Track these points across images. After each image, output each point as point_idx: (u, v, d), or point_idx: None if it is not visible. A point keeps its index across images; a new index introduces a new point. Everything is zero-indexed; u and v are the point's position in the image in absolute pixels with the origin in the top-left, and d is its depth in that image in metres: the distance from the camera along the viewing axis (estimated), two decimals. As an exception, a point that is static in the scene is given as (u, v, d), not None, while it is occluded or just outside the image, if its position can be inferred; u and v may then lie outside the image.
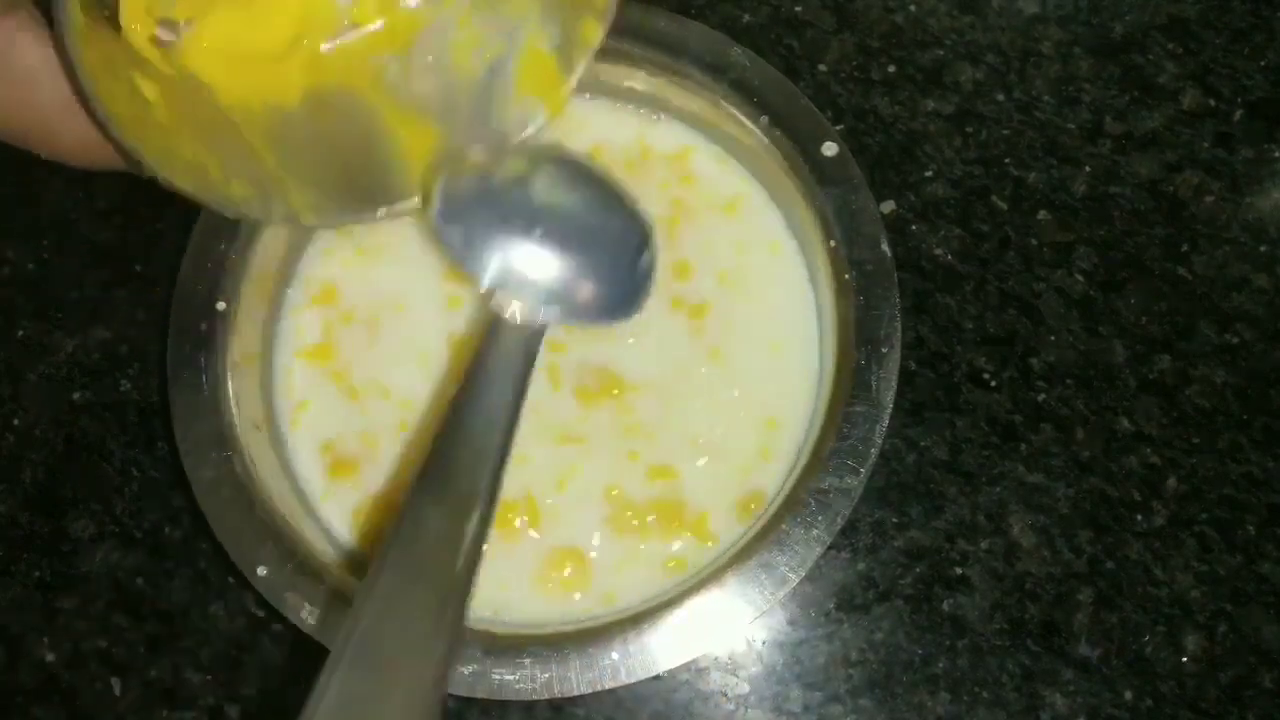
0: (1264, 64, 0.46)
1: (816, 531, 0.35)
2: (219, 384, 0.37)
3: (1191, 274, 0.43)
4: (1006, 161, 0.45)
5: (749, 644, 0.40)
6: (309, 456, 0.39)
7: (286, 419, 0.40)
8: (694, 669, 0.40)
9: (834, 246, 0.38)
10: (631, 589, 0.37)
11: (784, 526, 0.35)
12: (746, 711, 0.39)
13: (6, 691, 0.41)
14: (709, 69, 0.40)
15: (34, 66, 0.30)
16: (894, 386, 0.36)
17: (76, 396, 0.44)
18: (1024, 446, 0.41)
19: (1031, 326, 0.43)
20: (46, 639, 0.41)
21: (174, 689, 0.40)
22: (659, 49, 0.40)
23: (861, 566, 0.40)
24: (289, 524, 0.36)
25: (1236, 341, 0.43)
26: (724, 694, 0.39)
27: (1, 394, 0.44)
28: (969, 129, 0.45)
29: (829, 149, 0.39)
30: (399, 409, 0.40)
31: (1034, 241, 0.44)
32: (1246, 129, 0.45)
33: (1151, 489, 0.41)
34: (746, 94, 0.39)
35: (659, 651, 0.34)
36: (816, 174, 0.38)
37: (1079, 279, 0.43)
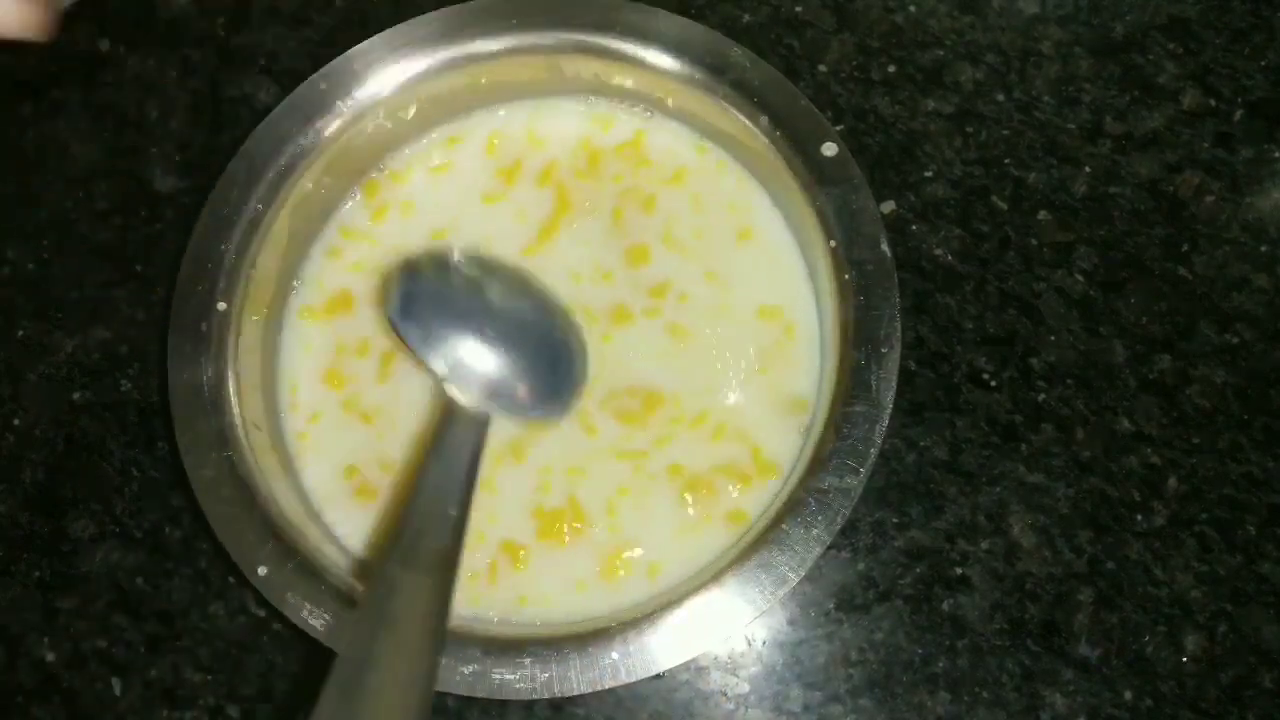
0: (1264, 64, 0.46)
1: (816, 531, 0.35)
2: (219, 384, 0.37)
3: (1191, 274, 0.43)
4: (1006, 161, 0.45)
5: (749, 644, 0.40)
6: (317, 464, 0.40)
7: (290, 421, 0.40)
8: (694, 668, 0.40)
9: (834, 246, 0.38)
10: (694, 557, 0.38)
11: (784, 526, 0.35)
12: (746, 711, 0.39)
13: (6, 691, 0.41)
14: (709, 69, 0.40)
15: None
16: (894, 386, 0.36)
17: (76, 396, 0.44)
18: (1024, 446, 0.41)
19: (1031, 326, 0.43)
20: (46, 639, 0.41)
21: (174, 689, 0.40)
22: (659, 49, 0.40)
23: (861, 566, 0.40)
24: (289, 524, 0.36)
25: (1236, 341, 0.43)
26: (724, 694, 0.39)
27: (1, 394, 0.44)
28: (969, 129, 0.45)
29: (829, 149, 0.39)
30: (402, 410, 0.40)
31: (1034, 241, 0.44)
32: (1246, 129, 0.45)
33: (1151, 489, 0.41)
34: (746, 94, 0.39)
35: (659, 651, 0.34)
36: (816, 174, 0.38)
37: (1079, 279, 0.43)
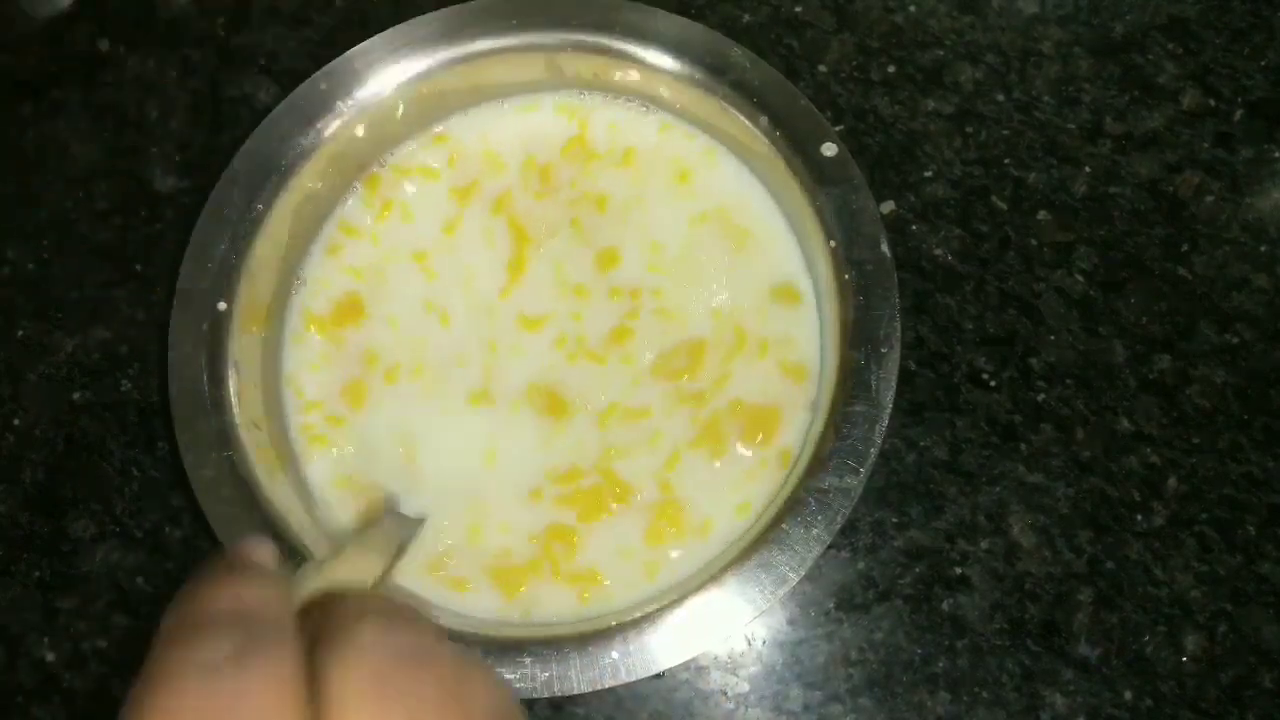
0: (1264, 64, 0.46)
1: (816, 531, 0.35)
2: (219, 384, 0.37)
3: (1191, 274, 0.43)
4: (1006, 161, 0.45)
5: (749, 643, 0.40)
6: (320, 462, 0.40)
7: (295, 420, 0.40)
8: (694, 668, 0.40)
9: (834, 246, 0.38)
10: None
11: (784, 526, 0.35)
12: (746, 711, 0.39)
13: (6, 691, 0.41)
14: (709, 69, 0.40)
15: None
16: (894, 386, 0.36)
17: (76, 396, 0.44)
18: (1024, 446, 0.41)
19: (1031, 326, 0.43)
20: (46, 639, 0.41)
21: (174, 689, 0.40)
22: (659, 49, 0.40)
23: (861, 566, 0.40)
24: (289, 524, 0.36)
25: (1236, 341, 0.43)
26: (724, 693, 0.39)
27: (1, 394, 0.44)
28: (969, 129, 0.45)
29: (829, 149, 0.39)
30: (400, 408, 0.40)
31: (1034, 241, 0.44)
32: (1246, 129, 0.45)
33: (1151, 489, 0.41)
34: (746, 94, 0.39)
35: (659, 650, 0.34)
36: (816, 174, 0.38)
37: (1079, 279, 0.43)
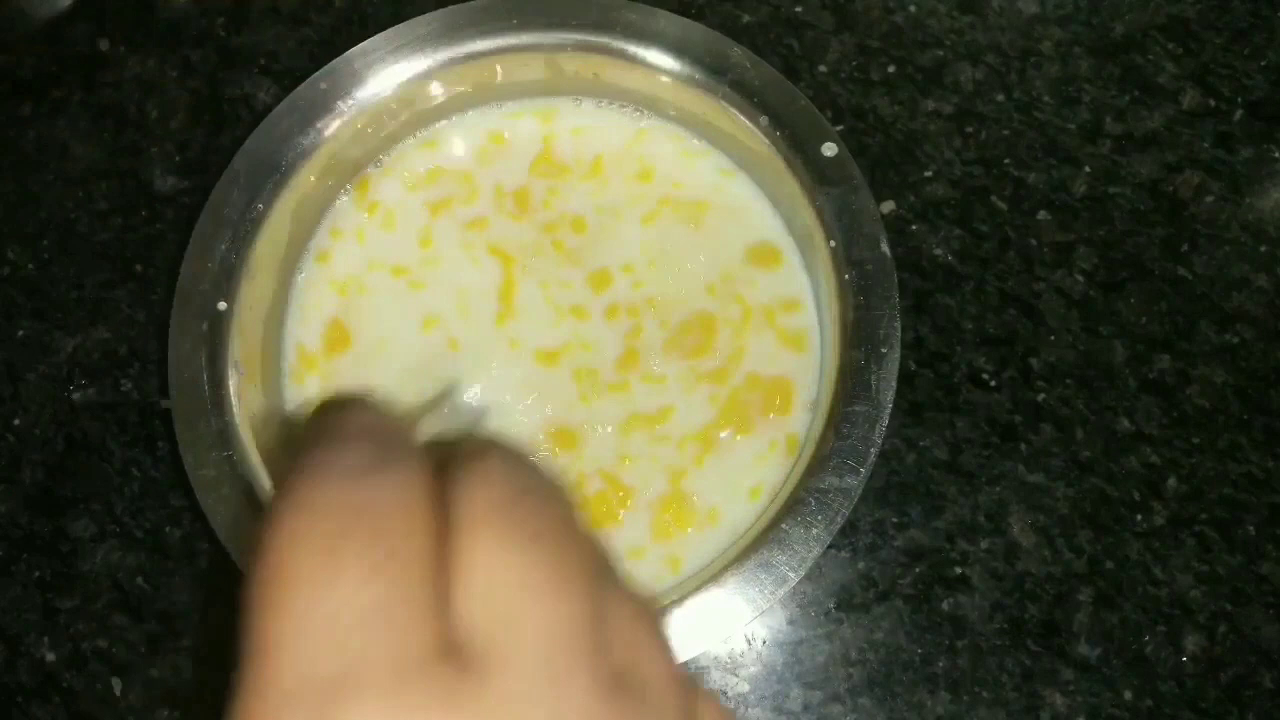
0: (1264, 64, 0.46)
1: (816, 531, 0.35)
2: (219, 384, 0.37)
3: (1191, 274, 0.43)
4: (1006, 161, 0.45)
5: (749, 643, 0.40)
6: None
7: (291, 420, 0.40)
8: (694, 668, 0.40)
9: (834, 246, 0.38)
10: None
11: (784, 526, 0.35)
12: (746, 711, 0.39)
13: (6, 691, 0.41)
14: (709, 69, 0.40)
15: None
16: (894, 386, 0.36)
17: (76, 396, 0.44)
18: (1024, 446, 0.41)
19: (1031, 326, 0.43)
20: (46, 639, 0.41)
21: (174, 689, 0.40)
22: (659, 49, 0.40)
23: (861, 566, 0.40)
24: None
25: (1236, 341, 0.43)
26: (724, 693, 0.39)
27: (1, 394, 0.44)
28: (969, 129, 0.45)
29: (829, 149, 0.39)
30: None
31: (1034, 241, 0.44)
32: (1246, 129, 0.45)
33: (1151, 489, 0.41)
34: (746, 94, 0.39)
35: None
36: (816, 174, 0.38)
37: (1079, 279, 0.43)
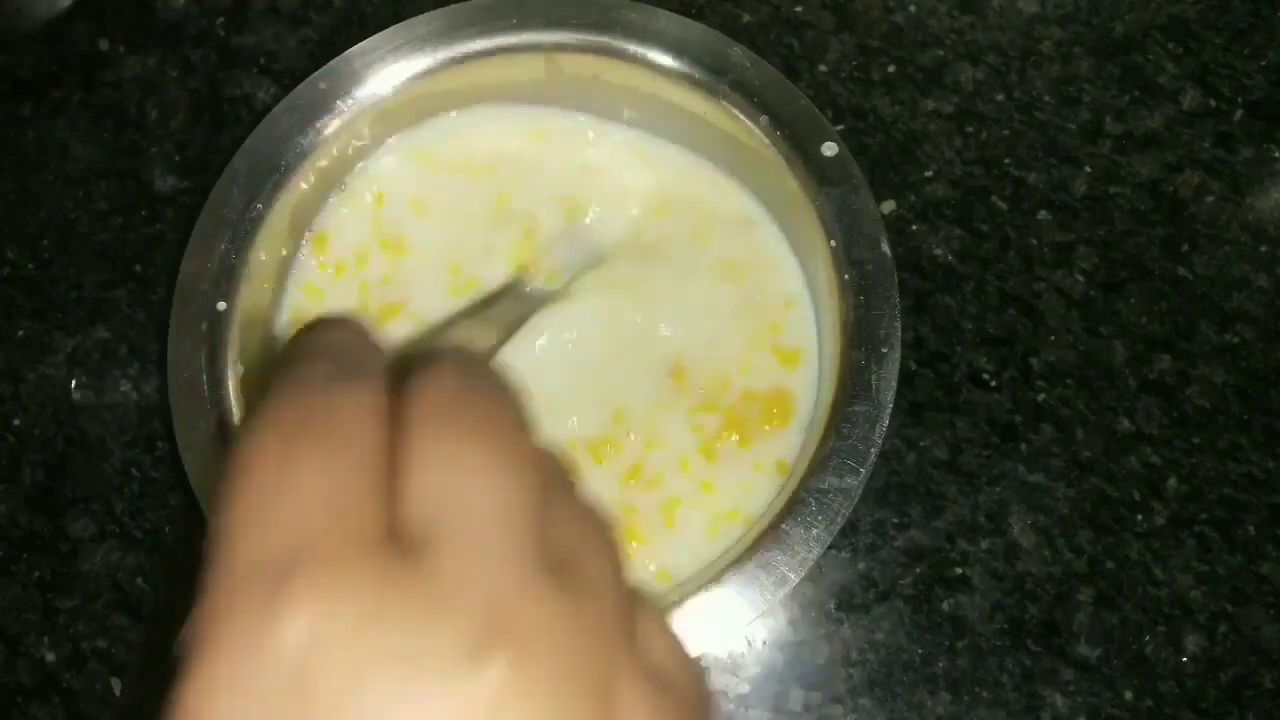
0: (1264, 64, 0.46)
1: (816, 531, 0.35)
2: (219, 384, 0.37)
3: (1191, 274, 0.43)
4: (1006, 161, 0.45)
5: (749, 644, 0.40)
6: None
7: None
8: (694, 669, 0.40)
9: (834, 246, 0.38)
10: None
11: (784, 526, 0.35)
12: (747, 711, 0.39)
13: (6, 691, 0.41)
14: (709, 69, 0.40)
15: None
16: (894, 386, 0.36)
17: (77, 396, 0.44)
18: (1024, 446, 0.41)
19: (1031, 326, 0.43)
20: (46, 639, 0.41)
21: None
22: (659, 49, 0.40)
23: (861, 566, 0.40)
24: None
25: (1236, 341, 0.43)
26: (724, 694, 0.39)
27: (2, 394, 0.44)
28: (969, 129, 0.45)
29: (829, 149, 0.39)
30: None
31: (1034, 241, 0.44)
32: (1246, 129, 0.45)
33: (1151, 489, 0.41)
34: (746, 94, 0.39)
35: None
36: (816, 174, 0.38)
37: (1079, 279, 0.43)
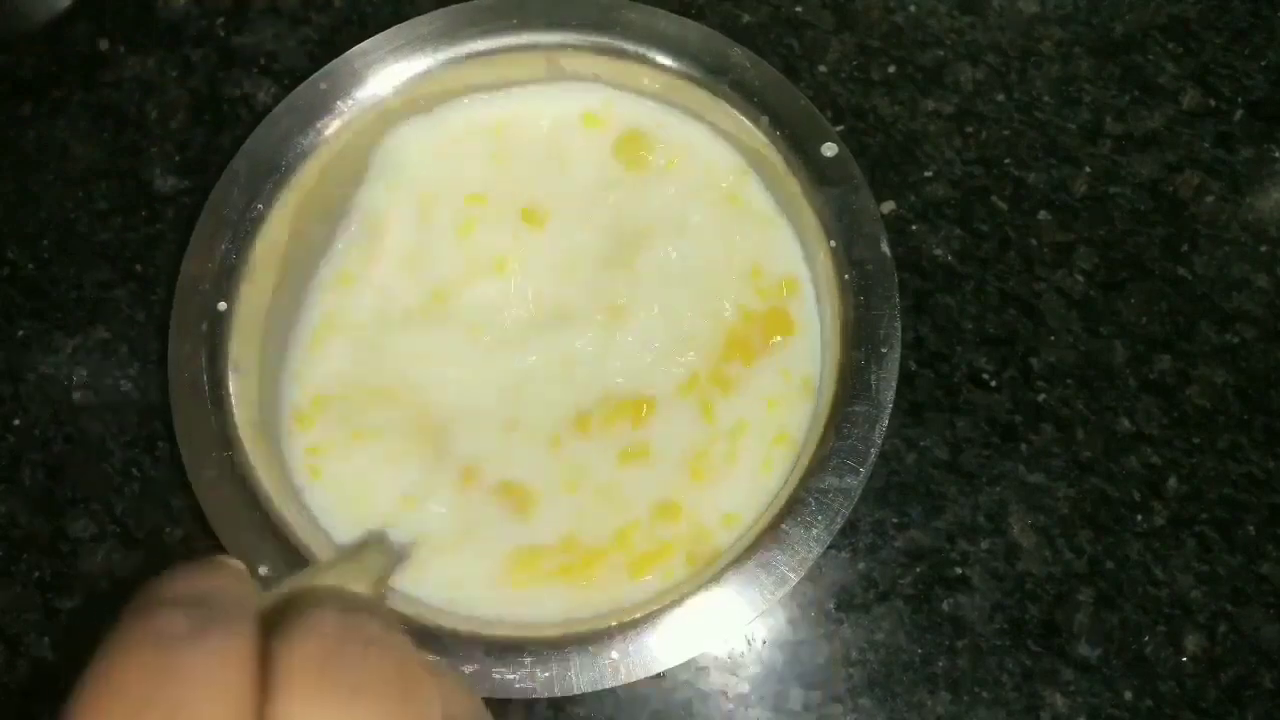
0: (1264, 64, 0.46)
1: (816, 531, 0.35)
2: (219, 384, 0.37)
3: (1191, 274, 0.43)
4: (1006, 161, 0.45)
5: (749, 643, 0.40)
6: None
7: (290, 423, 0.40)
8: (694, 668, 0.40)
9: (834, 246, 0.38)
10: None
11: (784, 526, 0.35)
12: (746, 711, 0.39)
13: (6, 691, 0.41)
14: (709, 69, 0.40)
15: None
16: (894, 386, 0.36)
17: (77, 396, 0.44)
18: (1024, 446, 0.41)
19: (1031, 326, 0.43)
20: (47, 639, 0.41)
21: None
22: (659, 49, 0.40)
23: (861, 566, 0.40)
24: (289, 523, 0.36)
25: (1236, 341, 0.43)
26: (724, 694, 0.39)
27: (2, 394, 0.44)
28: (969, 129, 0.45)
29: (829, 149, 0.39)
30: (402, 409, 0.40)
31: (1034, 241, 0.44)
32: (1246, 129, 0.45)
33: (1151, 489, 0.41)
34: (746, 94, 0.40)
35: (659, 650, 0.34)
36: (816, 174, 0.39)
37: (1079, 279, 0.43)
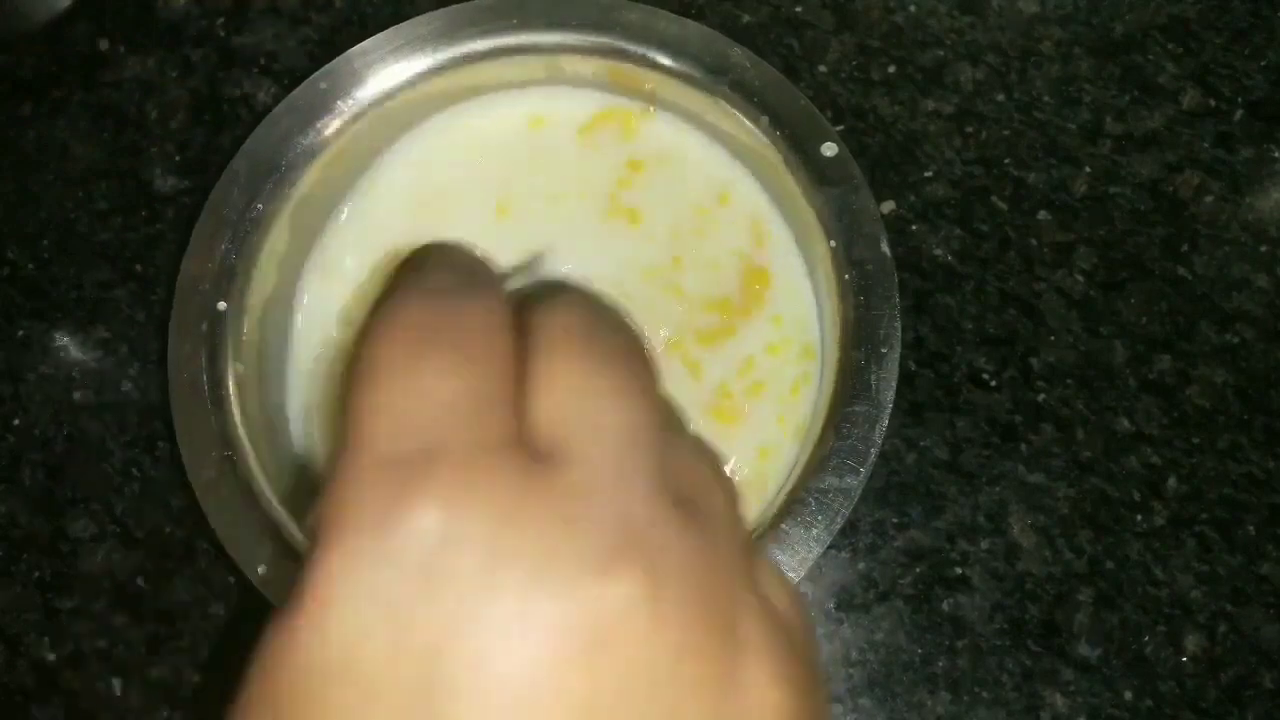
0: (1264, 64, 0.46)
1: (816, 531, 0.35)
2: (219, 384, 0.37)
3: (1191, 274, 0.43)
4: (1006, 161, 0.45)
5: (749, 644, 0.40)
6: (313, 458, 0.39)
7: (294, 419, 0.40)
8: (694, 669, 0.40)
9: (834, 246, 0.38)
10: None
11: (784, 526, 0.35)
12: (746, 711, 0.39)
13: (6, 691, 0.41)
14: (709, 69, 0.40)
15: None
16: (894, 386, 0.36)
17: (77, 396, 0.44)
18: (1024, 446, 0.41)
19: (1031, 326, 0.43)
20: (47, 639, 0.41)
21: (174, 689, 0.40)
22: (659, 49, 0.40)
23: (861, 566, 0.40)
24: (289, 524, 0.36)
25: (1236, 341, 0.43)
26: (724, 694, 0.39)
27: (2, 394, 0.44)
28: (969, 129, 0.45)
29: (829, 149, 0.39)
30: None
31: (1034, 241, 0.44)
32: (1246, 129, 0.45)
33: (1151, 489, 0.41)
34: (746, 94, 0.39)
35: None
36: (816, 174, 0.38)
37: (1079, 279, 0.43)
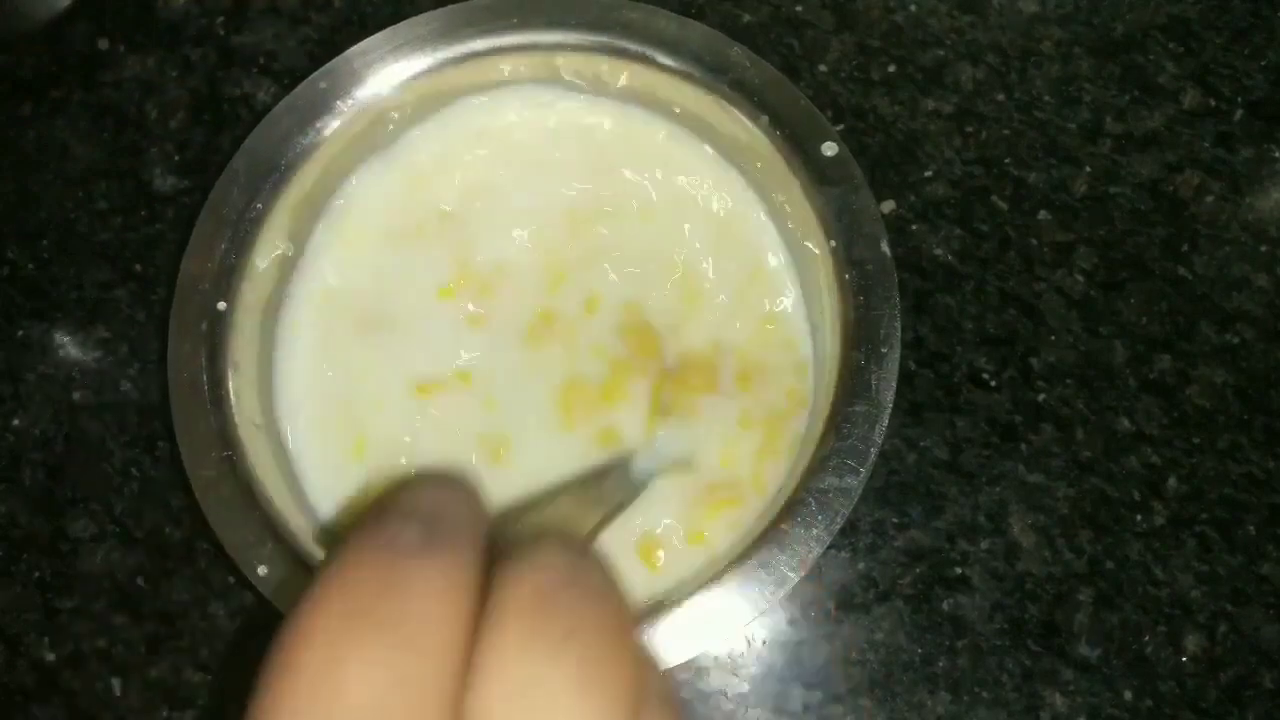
0: (1264, 64, 0.46)
1: (816, 531, 0.35)
2: (219, 384, 0.37)
3: (1192, 274, 0.43)
4: (1006, 161, 0.45)
5: (749, 643, 0.40)
6: (312, 458, 0.39)
7: (290, 420, 0.40)
8: (694, 668, 0.40)
9: (834, 246, 0.38)
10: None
11: (784, 526, 0.35)
12: (746, 711, 0.39)
13: (6, 691, 0.41)
14: (709, 69, 0.40)
15: None
16: (894, 386, 0.36)
17: (76, 396, 0.44)
18: (1024, 446, 0.41)
19: (1031, 326, 0.43)
20: (47, 639, 0.41)
21: (174, 689, 0.40)
22: (659, 49, 0.40)
23: (861, 566, 0.40)
24: (289, 524, 0.36)
25: (1236, 341, 0.43)
26: (724, 694, 0.39)
27: (2, 394, 0.44)
28: (969, 129, 0.45)
29: (829, 149, 0.39)
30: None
31: (1034, 241, 0.44)
32: (1246, 129, 0.45)
33: (1151, 489, 0.41)
34: (746, 94, 0.39)
35: (659, 651, 0.34)
36: (816, 174, 0.38)
37: (1079, 279, 0.43)
